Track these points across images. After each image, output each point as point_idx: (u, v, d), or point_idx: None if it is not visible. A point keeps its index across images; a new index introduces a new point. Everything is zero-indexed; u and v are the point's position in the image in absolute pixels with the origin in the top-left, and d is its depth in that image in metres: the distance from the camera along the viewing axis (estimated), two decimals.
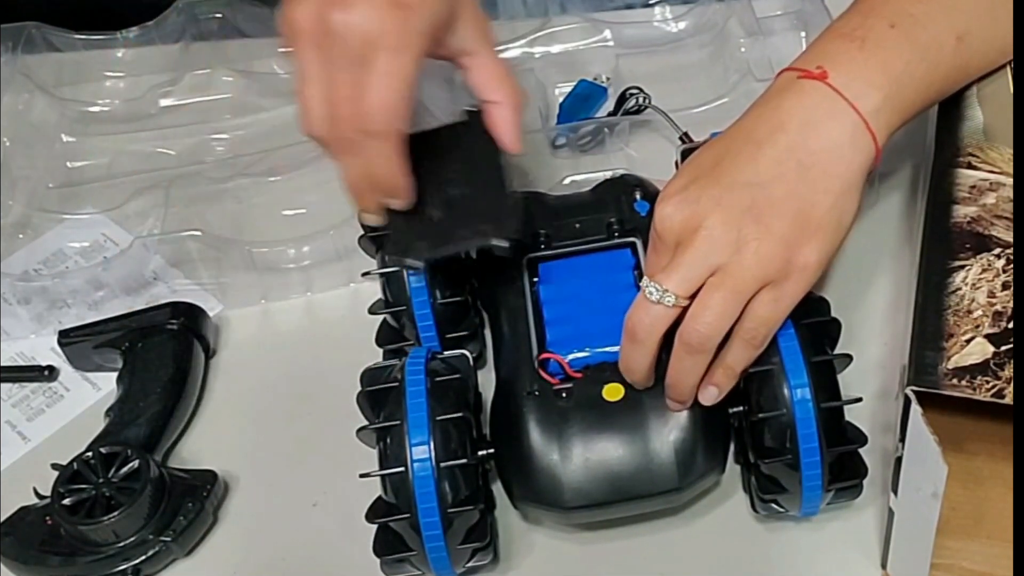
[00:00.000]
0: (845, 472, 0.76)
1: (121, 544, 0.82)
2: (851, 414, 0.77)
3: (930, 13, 0.81)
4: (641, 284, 0.74)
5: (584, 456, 0.76)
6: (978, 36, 0.82)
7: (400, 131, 0.78)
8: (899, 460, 0.70)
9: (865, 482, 0.77)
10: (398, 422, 0.74)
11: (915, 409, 0.67)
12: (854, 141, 0.76)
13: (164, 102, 1.15)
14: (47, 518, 0.83)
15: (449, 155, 0.83)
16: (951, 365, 0.69)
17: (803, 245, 0.74)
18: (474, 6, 0.83)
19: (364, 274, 0.89)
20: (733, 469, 0.81)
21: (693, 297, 0.73)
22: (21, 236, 1.05)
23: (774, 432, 0.75)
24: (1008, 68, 0.86)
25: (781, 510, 0.79)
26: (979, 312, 0.72)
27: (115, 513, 0.81)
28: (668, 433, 0.76)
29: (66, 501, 0.82)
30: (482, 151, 0.84)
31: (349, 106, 0.76)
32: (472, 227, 0.80)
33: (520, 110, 0.83)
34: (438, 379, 0.77)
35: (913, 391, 0.67)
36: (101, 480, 0.83)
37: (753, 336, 0.74)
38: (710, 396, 0.76)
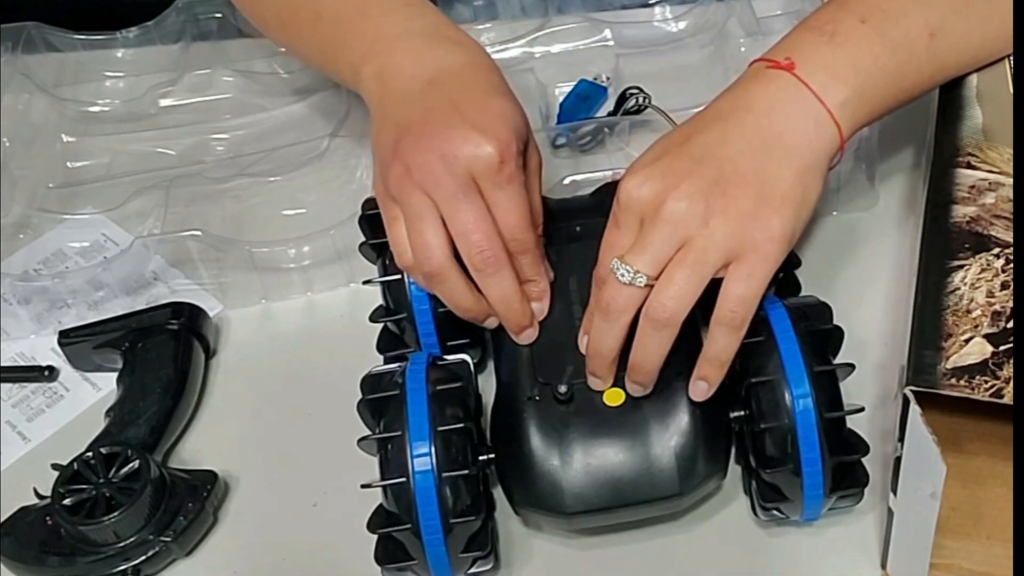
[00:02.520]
0: (846, 480, 0.76)
1: (121, 544, 0.82)
2: (850, 418, 0.76)
3: (902, 8, 0.82)
4: (610, 266, 0.75)
5: (585, 461, 0.76)
6: (952, 33, 0.83)
7: (539, 238, 0.83)
8: (898, 460, 0.70)
9: (866, 489, 0.77)
10: (399, 432, 0.74)
11: (914, 409, 0.67)
12: (818, 127, 0.78)
13: (164, 102, 1.15)
14: (47, 518, 0.83)
15: (587, 276, 0.82)
16: (950, 365, 0.69)
17: (769, 217, 0.75)
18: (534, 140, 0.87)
19: (366, 282, 0.89)
20: (734, 473, 0.81)
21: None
22: (21, 236, 1.05)
23: (776, 441, 0.75)
24: (1008, 68, 0.86)
25: (782, 516, 0.79)
26: (978, 312, 0.72)
27: (115, 513, 0.81)
28: (669, 438, 0.76)
29: (66, 501, 0.82)
30: None
31: (481, 233, 0.79)
32: (620, 357, 0.79)
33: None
34: (439, 387, 0.77)
35: (912, 391, 0.67)
36: (101, 480, 0.83)
37: (732, 318, 0.74)
38: (700, 391, 0.77)
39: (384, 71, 0.86)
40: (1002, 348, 0.70)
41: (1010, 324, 0.71)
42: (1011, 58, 0.86)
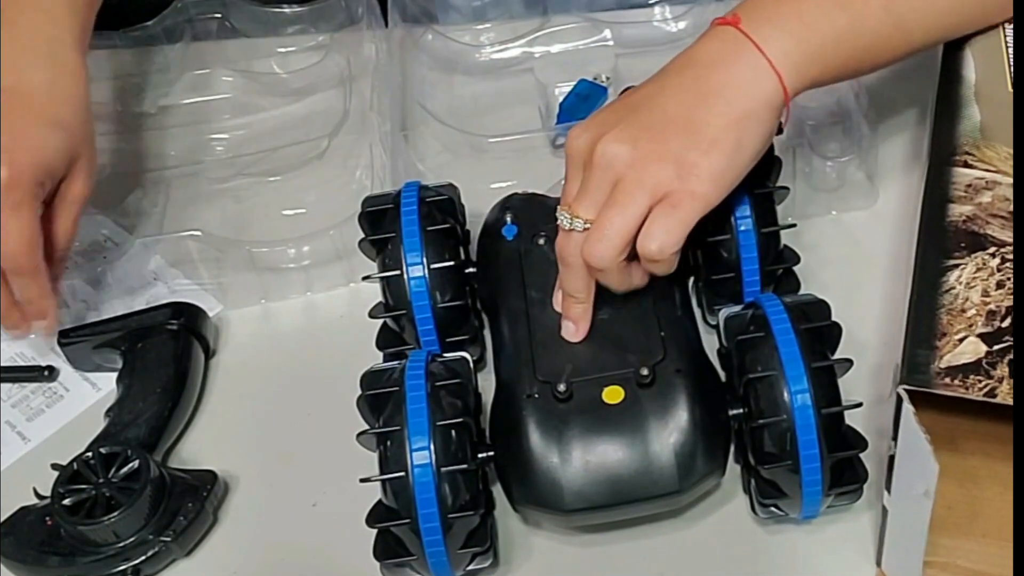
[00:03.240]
0: (845, 476, 0.76)
1: (121, 544, 0.82)
2: (849, 417, 0.76)
3: None
4: (556, 213, 0.80)
5: (584, 459, 0.76)
6: None
7: (43, 266, 0.90)
8: (892, 458, 0.70)
9: (864, 486, 0.77)
10: (398, 427, 0.74)
11: (907, 407, 0.67)
12: (756, 77, 0.80)
13: (163, 102, 1.15)
14: (47, 518, 0.83)
15: None
16: (943, 364, 0.69)
17: (697, 159, 0.77)
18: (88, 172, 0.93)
19: (365, 278, 0.89)
20: (733, 471, 0.81)
21: None
22: None
23: (774, 438, 0.75)
24: (1006, 66, 0.86)
25: (781, 513, 0.79)
26: (973, 311, 0.72)
27: (115, 513, 0.81)
28: (668, 436, 0.76)
29: (66, 501, 0.82)
30: None
31: None
32: (620, 356, 0.80)
33: None
34: (438, 383, 0.77)
35: (905, 390, 0.67)
36: (101, 480, 0.83)
37: (651, 254, 0.76)
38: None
39: None
40: (996, 347, 0.70)
41: (1004, 323, 0.71)
42: (1010, 51, 0.87)
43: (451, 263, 0.86)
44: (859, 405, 0.77)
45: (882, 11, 0.83)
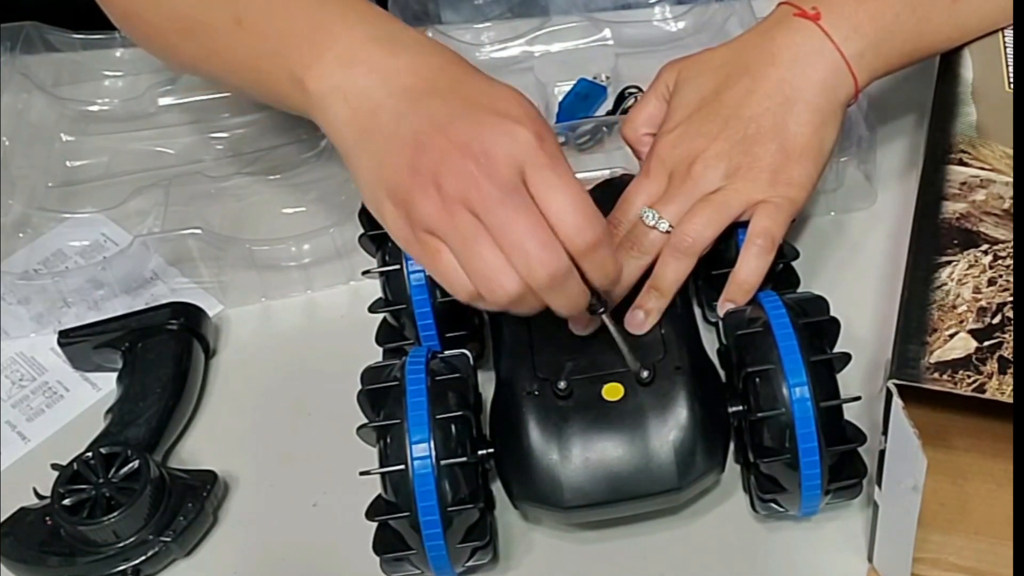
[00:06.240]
0: (844, 471, 0.76)
1: (121, 544, 0.82)
2: (849, 414, 0.77)
3: None
4: (639, 212, 0.83)
5: (583, 456, 0.76)
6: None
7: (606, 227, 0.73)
8: (882, 453, 0.70)
9: (864, 482, 0.77)
10: (398, 420, 0.74)
11: (896, 402, 0.67)
12: (836, 79, 0.85)
13: (163, 101, 1.15)
14: (47, 518, 0.83)
15: None
16: (933, 359, 0.69)
17: (790, 170, 0.83)
18: None
19: (364, 272, 0.89)
20: (733, 468, 0.81)
21: None
22: (21, 236, 1.05)
23: (773, 432, 0.75)
24: (1004, 65, 0.86)
25: (781, 510, 0.79)
26: (964, 307, 0.72)
27: (115, 513, 0.81)
28: (667, 433, 0.76)
29: (66, 501, 0.82)
30: None
31: (538, 240, 0.69)
32: (619, 353, 0.79)
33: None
34: (438, 378, 0.77)
35: (895, 384, 0.67)
36: (101, 480, 0.83)
37: (759, 246, 0.82)
38: (725, 310, 0.83)
39: (350, 94, 0.75)
40: (986, 344, 0.70)
41: (995, 320, 0.71)
42: (1007, 51, 0.87)
43: None
44: (857, 399, 0.77)
45: (946, 16, 0.87)
